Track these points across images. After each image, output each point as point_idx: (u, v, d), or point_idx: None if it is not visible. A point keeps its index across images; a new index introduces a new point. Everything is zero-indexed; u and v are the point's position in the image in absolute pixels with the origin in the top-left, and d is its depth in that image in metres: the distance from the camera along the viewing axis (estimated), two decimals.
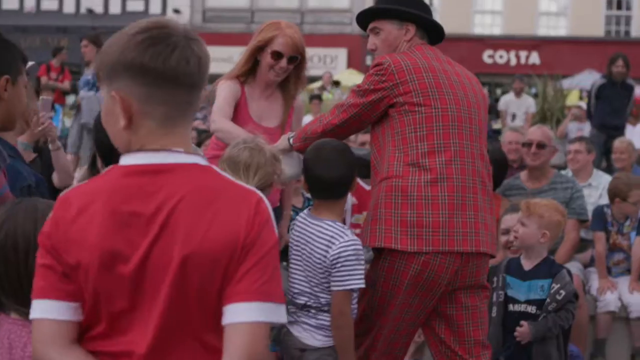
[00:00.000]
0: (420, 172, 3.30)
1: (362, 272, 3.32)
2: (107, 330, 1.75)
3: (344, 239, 3.32)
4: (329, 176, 3.40)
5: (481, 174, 3.42)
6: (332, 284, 3.31)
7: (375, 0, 3.75)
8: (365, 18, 3.66)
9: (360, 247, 3.34)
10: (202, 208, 1.74)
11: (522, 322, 4.05)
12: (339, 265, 3.28)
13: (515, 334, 4.05)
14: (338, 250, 3.29)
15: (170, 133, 1.80)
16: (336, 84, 17.56)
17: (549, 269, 4.17)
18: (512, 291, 4.17)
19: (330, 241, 3.33)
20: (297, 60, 3.93)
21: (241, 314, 1.72)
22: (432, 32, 3.65)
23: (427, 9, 3.67)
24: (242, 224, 1.74)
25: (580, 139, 6.70)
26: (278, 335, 3.64)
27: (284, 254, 3.73)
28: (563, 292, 4.07)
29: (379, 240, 3.33)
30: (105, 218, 1.72)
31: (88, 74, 9.13)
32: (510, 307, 4.17)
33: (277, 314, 1.76)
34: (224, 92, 3.92)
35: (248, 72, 3.98)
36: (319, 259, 3.35)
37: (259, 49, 3.91)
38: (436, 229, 3.27)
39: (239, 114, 3.92)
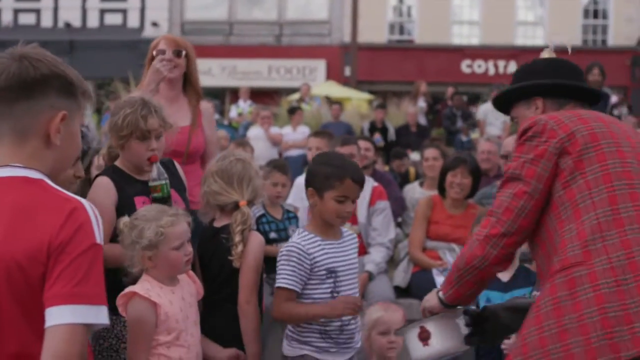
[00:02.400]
0: (606, 248, 2.45)
1: (288, 272, 3.34)
2: None
3: (286, 244, 3.48)
4: None
5: None
6: None
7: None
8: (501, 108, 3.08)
9: (294, 250, 3.37)
10: (15, 217, 1.79)
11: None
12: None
13: (504, 346, 3.91)
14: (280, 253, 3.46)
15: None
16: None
17: (526, 277, 4.19)
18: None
19: None
20: (183, 54, 4.27)
21: (55, 317, 1.74)
22: (582, 93, 2.97)
23: (559, 69, 3.09)
24: (49, 231, 1.77)
25: None
26: None
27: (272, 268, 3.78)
28: None
29: None
30: None
31: None
32: None
33: (93, 315, 1.77)
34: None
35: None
36: None
37: (151, 60, 4.26)
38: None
39: None
